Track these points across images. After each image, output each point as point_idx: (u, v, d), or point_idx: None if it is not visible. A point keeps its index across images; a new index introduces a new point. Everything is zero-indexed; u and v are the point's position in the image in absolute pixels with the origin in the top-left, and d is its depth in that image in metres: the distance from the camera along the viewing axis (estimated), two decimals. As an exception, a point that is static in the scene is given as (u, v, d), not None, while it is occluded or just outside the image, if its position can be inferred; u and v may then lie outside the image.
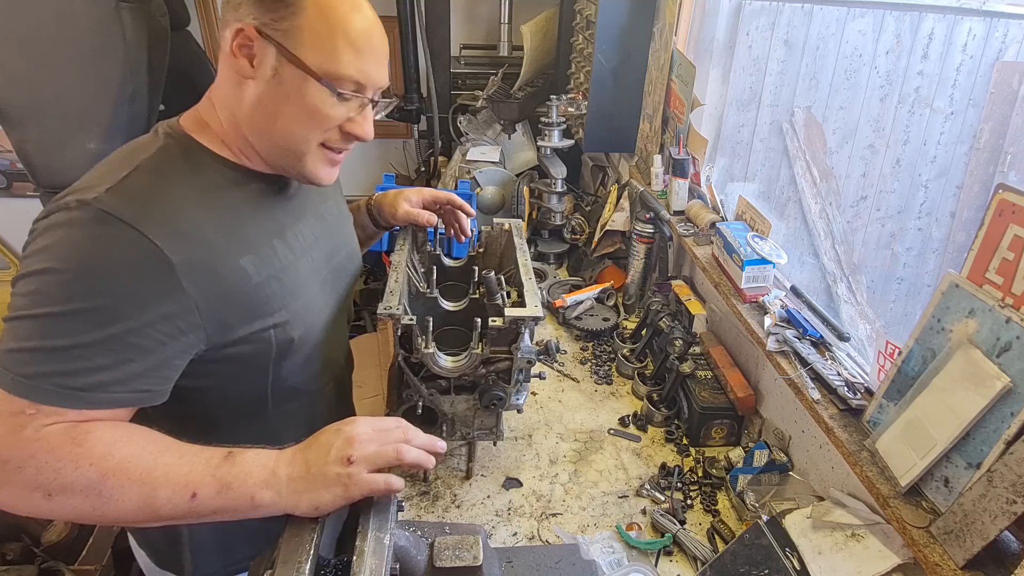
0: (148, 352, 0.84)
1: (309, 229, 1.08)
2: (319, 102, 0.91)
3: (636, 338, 1.90)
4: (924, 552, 0.93)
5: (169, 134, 0.94)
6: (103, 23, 1.87)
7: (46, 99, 1.98)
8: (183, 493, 0.80)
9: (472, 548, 0.86)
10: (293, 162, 0.97)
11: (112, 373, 0.81)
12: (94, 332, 0.80)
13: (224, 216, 0.93)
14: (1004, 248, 0.90)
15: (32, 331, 0.79)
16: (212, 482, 0.81)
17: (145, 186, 0.85)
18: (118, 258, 0.81)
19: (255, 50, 0.88)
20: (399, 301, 1.18)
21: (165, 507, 0.81)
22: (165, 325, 0.84)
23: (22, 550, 2.05)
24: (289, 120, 0.92)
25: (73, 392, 0.79)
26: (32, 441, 0.77)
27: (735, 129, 2.21)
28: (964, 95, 2.34)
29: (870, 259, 2.54)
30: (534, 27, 2.56)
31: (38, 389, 0.78)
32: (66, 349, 0.79)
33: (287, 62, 0.88)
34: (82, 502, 0.79)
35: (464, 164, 2.45)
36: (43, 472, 0.77)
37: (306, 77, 0.89)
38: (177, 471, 0.81)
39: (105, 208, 0.81)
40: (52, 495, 0.78)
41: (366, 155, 3.43)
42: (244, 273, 0.92)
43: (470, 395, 1.30)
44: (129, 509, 0.80)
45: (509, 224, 1.50)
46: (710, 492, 1.43)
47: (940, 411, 0.96)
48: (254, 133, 0.94)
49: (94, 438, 0.79)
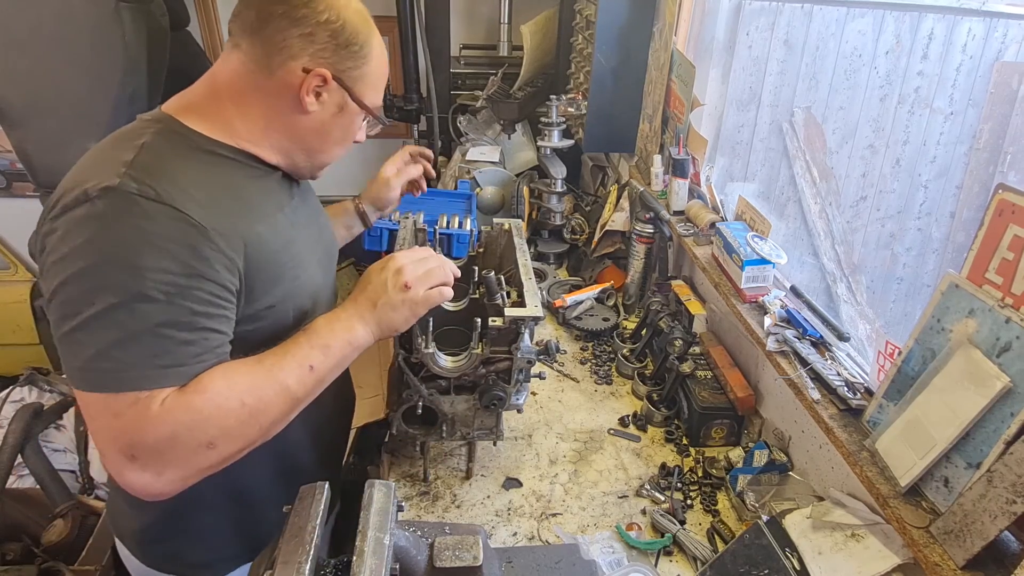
0: (218, 318, 0.88)
1: (303, 208, 1.14)
2: (358, 127, 1.09)
3: (636, 338, 1.90)
4: (924, 552, 0.93)
5: (156, 120, 0.96)
6: (103, 23, 1.87)
7: (46, 99, 1.98)
8: (303, 371, 0.93)
9: (472, 548, 0.86)
10: (316, 169, 1.11)
11: (195, 346, 0.85)
12: (167, 310, 0.82)
13: (230, 188, 0.96)
14: (1004, 248, 0.90)
15: (108, 327, 0.80)
16: (316, 352, 0.95)
17: (157, 163, 0.87)
18: (161, 234, 0.83)
19: (324, 90, 0.99)
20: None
21: (300, 389, 0.93)
22: (222, 290, 0.88)
23: (22, 550, 2.05)
24: (336, 142, 1.08)
25: (171, 369, 0.83)
26: (164, 415, 0.81)
27: (735, 129, 2.21)
28: (964, 95, 2.34)
29: (870, 259, 2.54)
30: (534, 27, 2.56)
31: (140, 377, 0.81)
32: (148, 332, 0.81)
33: (351, 101, 1.02)
34: (243, 431, 0.88)
35: (464, 164, 2.45)
36: (193, 430, 0.83)
37: (360, 112, 1.05)
38: (286, 362, 0.92)
39: (131, 190, 0.82)
40: (214, 443, 0.85)
41: (366, 155, 3.43)
42: (262, 239, 0.96)
43: (470, 395, 1.30)
44: (280, 410, 0.92)
45: (509, 224, 1.50)
46: (710, 492, 1.43)
47: (940, 411, 0.96)
48: (297, 148, 1.04)
49: (210, 381, 0.85)
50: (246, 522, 1.17)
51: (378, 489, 0.87)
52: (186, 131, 0.95)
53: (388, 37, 3.12)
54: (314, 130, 1.03)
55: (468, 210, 1.92)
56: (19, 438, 2.10)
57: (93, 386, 0.81)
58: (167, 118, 0.96)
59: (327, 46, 0.96)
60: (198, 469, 0.87)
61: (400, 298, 1.01)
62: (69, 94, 1.96)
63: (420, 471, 1.44)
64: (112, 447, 0.82)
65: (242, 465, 0.95)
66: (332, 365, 0.98)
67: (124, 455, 0.82)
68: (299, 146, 1.04)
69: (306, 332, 0.97)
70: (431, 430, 1.35)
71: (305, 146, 1.05)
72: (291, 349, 0.94)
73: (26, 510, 2.20)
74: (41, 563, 2.00)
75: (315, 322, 0.99)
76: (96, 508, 2.18)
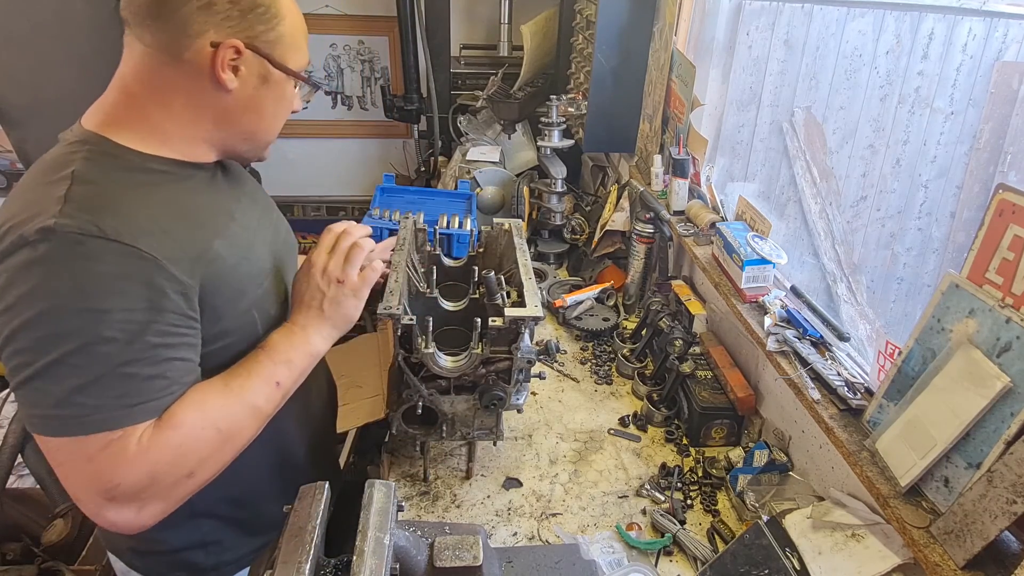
0: (181, 347, 0.87)
1: (250, 211, 1.09)
2: (292, 96, 1.00)
3: (636, 338, 1.90)
4: (924, 552, 0.93)
5: (82, 141, 0.89)
6: (103, 23, 1.87)
7: (46, 99, 1.98)
8: (270, 388, 0.95)
9: (472, 548, 0.86)
10: (259, 150, 1.04)
11: (163, 379, 0.84)
12: (127, 349, 0.80)
13: (177, 208, 0.91)
14: (1004, 248, 0.90)
15: (69, 373, 0.77)
16: (281, 368, 0.97)
17: (93, 195, 0.82)
18: (112, 273, 0.79)
19: (240, 62, 0.91)
20: (399, 301, 1.18)
21: (268, 406, 0.95)
22: (182, 319, 0.86)
23: (22, 550, 2.05)
24: (271, 116, 1.00)
25: (140, 406, 0.82)
26: (143, 454, 0.81)
27: (735, 129, 2.21)
28: (964, 95, 2.34)
29: (870, 259, 2.54)
30: (534, 27, 2.56)
31: (108, 419, 0.79)
32: (110, 373, 0.79)
33: (273, 68, 0.94)
34: (219, 457, 0.90)
35: (464, 164, 2.45)
36: (173, 466, 0.83)
37: (288, 78, 0.96)
38: (252, 382, 0.93)
39: (72, 230, 0.77)
40: (194, 473, 0.87)
41: (366, 155, 3.43)
42: (220, 257, 0.93)
43: (470, 395, 1.30)
44: (252, 430, 0.94)
45: (509, 224, 1.50)
46: (710, 492, 1.43)
47: (940, 411, 0.96)
48: (229, 133, 0.97)
49: (182, 412, 0.85)
50: (246, 523, 1.17)
51: (378, 489, 0.87)
52: (116, 150, 0.89)
53: (388, 37, 3.13)
54: (244, 109, 0.95)
55: (468, 210, 1.93)
56: (19, 438, 2.09)
57: (59, 431, 0.78)
58: (93, 137, 0.89)
59: (230, 14, 0.87)
60: (178, 498, 0.88)
61: (339, 293, 1.02)
62: (69, 94, 1.95)
63: (420, 471, 1.44)
64: (88, 491, 0.80)
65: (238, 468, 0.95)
66: (296, 378, 1.00)
67: (102, 496, 0.80)
68: (234, 132, 0.97)
69: (265, 350, 0.97)
70: (431, 430, 1.35)
71: (240, 130, 0.97)
72: (255, 368, 0.95)
73: (26, 510, 2.20)
74: (41, 563, 1.99)
75: (271, 338, 0.99)
76: (96, 508, 2.17)
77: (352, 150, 3.40)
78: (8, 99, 1.99)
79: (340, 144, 3.36)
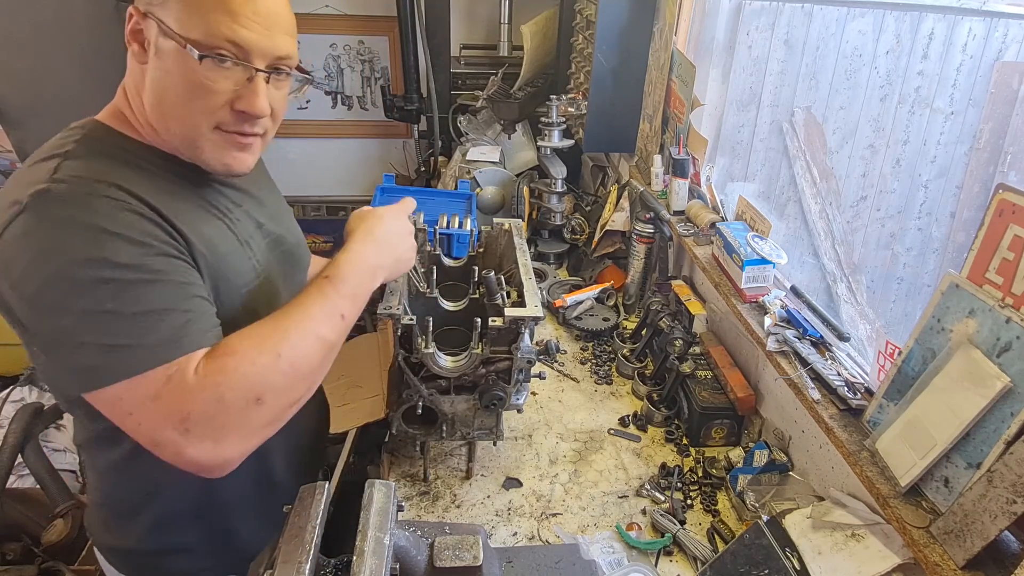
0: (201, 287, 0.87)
1: (249, 217, 1.06)
2: (196, 75, 0.85)
3: (636, 338, 1.90)
4: (924, 552, 0.93)
5: (83, 128, 0.91)
6: (103, 23, 1.87)
7: (46, 99, 1.99)
8: (335, 320, 0.92)
9: (472, 548, 0.86)
10: (192, 149, 0.92)
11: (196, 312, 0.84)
12: (157, 287, 0.81)
13: (166, 196, 0.90)
14: (1004, 248, 0.90)
15: (105, 321, 0.77)
16: (346, 302, 0.94)
17: (83, 166, 0.84)
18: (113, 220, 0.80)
19: (144, 32, 0.86)
20: (399, 301, 1.18)
21: (334, 337, 0.91)
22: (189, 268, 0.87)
23: (22, 550, 2.05)
24: (174, 99, 0.87)
25: (190, 332, 0.81)
26: (202, 379, 0.79)
27: (735, 129, 2.21)
28: (964, 95, 2.34)
29: (870, 259, 2.54)
30: (534, 27, 2.56)
31: (160, 353, 0.79)
32: (150, 311, 0.79)
33: (163, 36, 0.84)
34: (284, 380, 0.85)
35: (464, 164, 2.45)
36: (237, 388, 0.80)
37: (179, 48, 0.83)
38: (316, 311, 0.90)
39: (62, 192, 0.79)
40: (262, 398, 0.82)
41: (366, 155, 3.43)
42: (211, 240, 0.93)
43: (470, 395, 1.30)
44: (319, 359, 0.90)
45: (509, 224, 1.50)
46: (710, 492, 1.43)
47: (940, 411, 0.96)
48: (156, 121, 0.91)
49: (236, 340, 0.83)
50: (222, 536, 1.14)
51: (378, 489, 0.87)
52: (110, 136, 0.90)
53: (388, 37, 3.13)
54: (150, 87, 0.88)
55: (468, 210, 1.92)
56: (19, 438, 2.09)
57: (116, 375, 0.78)
58: (93, 123, 0.92)
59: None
60: (254, 429, 0.84)
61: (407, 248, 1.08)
62: (69, 94, 1.96)
63: (420, 471, 1.44)
64: (163, 429, 0.79)
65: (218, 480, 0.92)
66: (357, 313, 0.97)
67: (177, 431, 0.79)
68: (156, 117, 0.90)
69: (332, 280, 0.93)
70: (431, 430, 1.35)
71: (157, 115, 0.90)
72: (319, 300, 0.92)
73: (26, 510, 2.20)
74: (41, 563, 2.00)
75: (339, 267, 0.95)
76: (96, 508, 2.18)
77: (352, 150, 3.40)
78: (8, 99, 1.99)
79: (340, 144, 3.36)
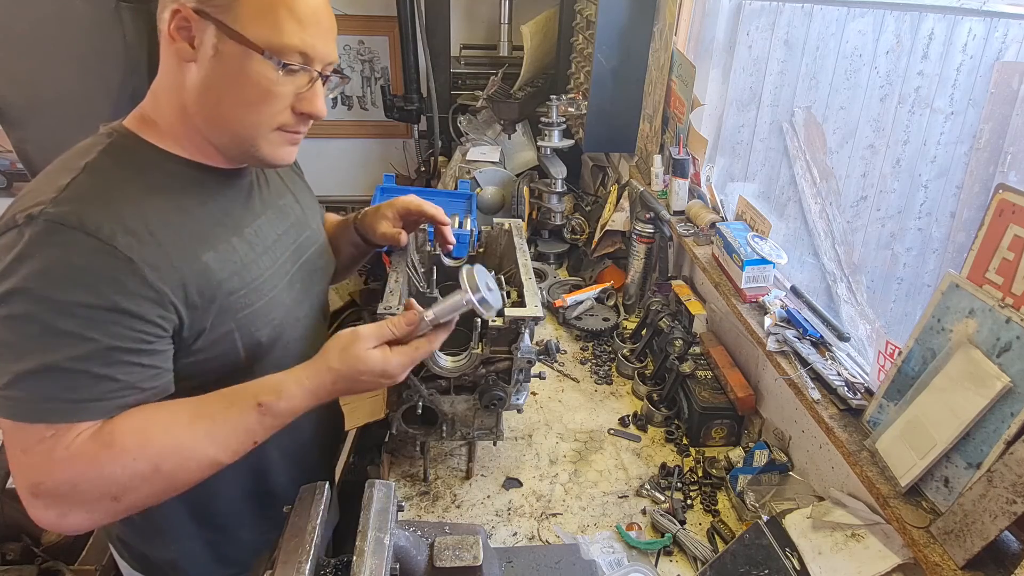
0: (142, 353, 0.83)
1: (270, 226, 1.05)
2: (263, 79, 0.86)
3: (636, 338, 1.90)
4: (924, 552, 0.93)
5: (112, 135, 0.90)
6: (103, 23, 1.87)
7: (46, 99, 1.98)
8: (244, 442, 0.87)
9: (472, 548, 0.86)
10: (248, 148, 0.92)
11: (114, 381, 0.81)
12: (82, 345, 0.78)
13: (175, 214, 0.89)
14: (1004, 248, 0.90)
15: (23, 356, 0.76)
16: (267, 421, 0.88)
17: (90, 189, 0.82)
18: (82, 266, 0.78)
19: (194, 31, 0.84)
20: (399, 301, 1.18)
21: (231, 459, 0.87)
22: (149, 326, 0.83)
23: (22, 550, 2.05)
24: (236, 102, 0.87)
25: (82, 405, 0.79)
26: (67, 460, 0.78)
27: (735, 129, 2.21)
28: (964, 95, 2.34)
29: (870, 259, 2.54)
30: (534, 27, 2.56)
31: (48, 411, 0.77)
32: (61, 365, 0.77)
33: (227, 38, 0.83)
34: (151, 489, 0.82)
35: (464, 164, 2.45)
36: (96, 483, 0.79)
37: (248, 52, 0.84)
38: (226, 429, 0.85)
39: (53, 218, 0.77)
40: (118, 497, 0.80)
41: (366, 155, 3.43)
42: (208, 269, 0.90)
43: (470, 395, 1.30)
44: (198, 477, 0.86)
45: (509, 224, 1.50)
46: (710, 492, 1.43)
47: (940, 411, 0.96)
48: (204, 121, 0.90)
49: (121, 434, 0.80)
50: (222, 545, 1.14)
51: (378, 489, 0.87)
52: (138, 145, 0.90)
53: (388, 37, 3.13)
54: (203, 87, 0.86)
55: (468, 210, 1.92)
56: (19, 438, 2.09)
57: (7, 414, 0.78)
58: (121, 130, 0.91)
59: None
60: (104, 516, 0.82)
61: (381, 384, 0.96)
62: (69, 94, 1.96)
63: (420, 471, 1.44)
64: (18, 481, 0.79)
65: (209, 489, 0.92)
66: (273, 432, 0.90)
67: (28, 492, 0.79)
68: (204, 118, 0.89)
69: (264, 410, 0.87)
70: (431, 430, 1.35)
71: (207, 115, 0.89)
72: (236, 423, 0.86)
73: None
74: (41, 563, 1.99)
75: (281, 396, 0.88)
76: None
77: (352, 150, 3.40)
78: (8, 99, 1.99)
79: (340, 144, 3.36)
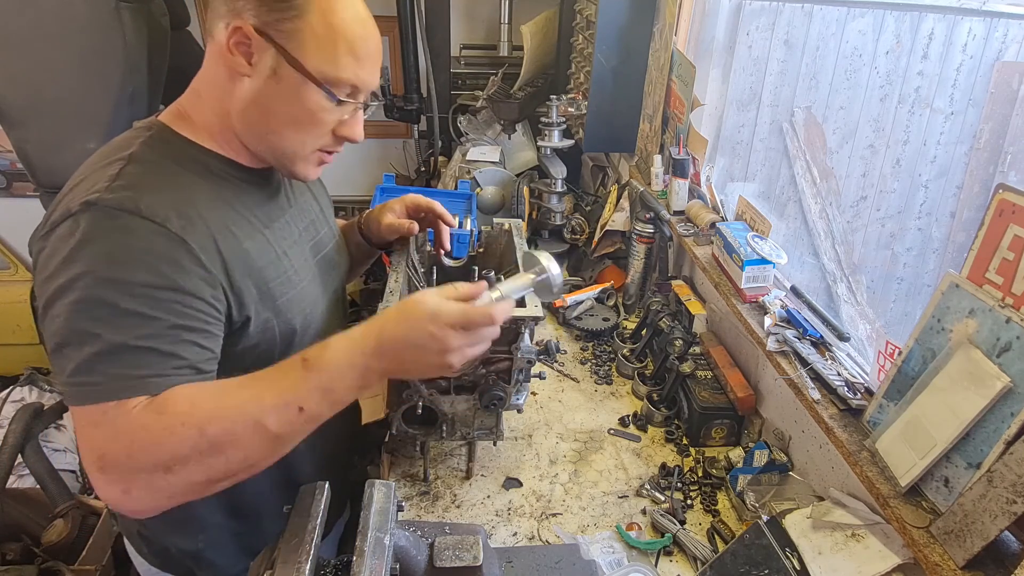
0: (202, 333, 0.86)
1: (293, 224, 1.09)
2: (315, 106, 0.91)
3: (636, 338, 1.90)
4: (924, 552, 0.93)
5: (149, 128, 0.94)
6: (103, 23, 1.87)
7: (46, 99, 1.98)
8: (290, 411, 0.83)
9: (472, 548, 0.86)
10: (284, 162, 0.98)
11: (179, 359, 0.84)
12: (148, 324, 0.81)
13: (217, 203, 0.93)
14: (1004, 248, 0.90)
15: (91, 341, 0.79)
16: (314, 394, 0.84)
17: (140, 176, 0.86)
18: (141, 248, 0.82)
19: (252, 48, 0.87)
20: (399, 301, 1.18)
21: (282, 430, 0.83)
22: (204, 305, 0.86)
23: (22, 550, 2.05)
24: (284, 121, 0.93)
25: (151, 380, 0.81)
26: (125, 428, 0.80)
27: (735, 129, 2.21)
28: (964, 95, 2.34)
29: (870, 259, 2.54)
30: (534, 27, 2.56)
31: (120, 388, 0.80)
32: (129, 345, 0.80)
33: (286, 63, 0.88)
34: (203, 461, 0.81)
35: (464, 164, 2.45)
36: (149, 451, 0.80)
37: (305, 80, 0.89)
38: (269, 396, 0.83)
39: (110, 204, 0.82)
40: (170, 469, 0.80)
41: (366, 155, 3.43)
42: (249, 256, 0.94)
43: (470, 395, 1.30)
44: (256, 448, 0.83)
45: (509, 224, 1.50)
46: (710, 492, 1.43)
47: (940, 411, 0.96)
48: (245, 129, 0.94)
49: (172, 402, 0.81)
50: (247, 536, 1.16)
51: (378, 489, 0.87)
52: (175, 139, 0.94)
53: (388, 37, 3.13)
54: (253, 102, 0.90)
55: (468, 210, 1.92)
56: (19, 438, 2.09)
57: (77, 400, 0.80)
58: (157, 125, 0.95)
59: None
60: (162, 493, 0.82)
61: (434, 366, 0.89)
62: (69, 94, 1.96)
63: (420, 471, 1.44)
64: (86, 457, 0.81)
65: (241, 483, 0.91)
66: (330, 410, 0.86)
67: (94, 466, 0.80)
68: (249, 129, 0.94)
69: (307, 364, 0.85)
70: (431, 430, 1.35)
71: (253, 128, 0.94)
72: (277, 383, 0.84)
73: (26, 510, 2.20)
74: (41, 563, 1.99)
75: (325, 350, 0.86)
76: (96, 508, 2.18)
77: (352, 150, 3.39)
78: (8, 99, 1.99)
79: (340, 144, 3.36)
